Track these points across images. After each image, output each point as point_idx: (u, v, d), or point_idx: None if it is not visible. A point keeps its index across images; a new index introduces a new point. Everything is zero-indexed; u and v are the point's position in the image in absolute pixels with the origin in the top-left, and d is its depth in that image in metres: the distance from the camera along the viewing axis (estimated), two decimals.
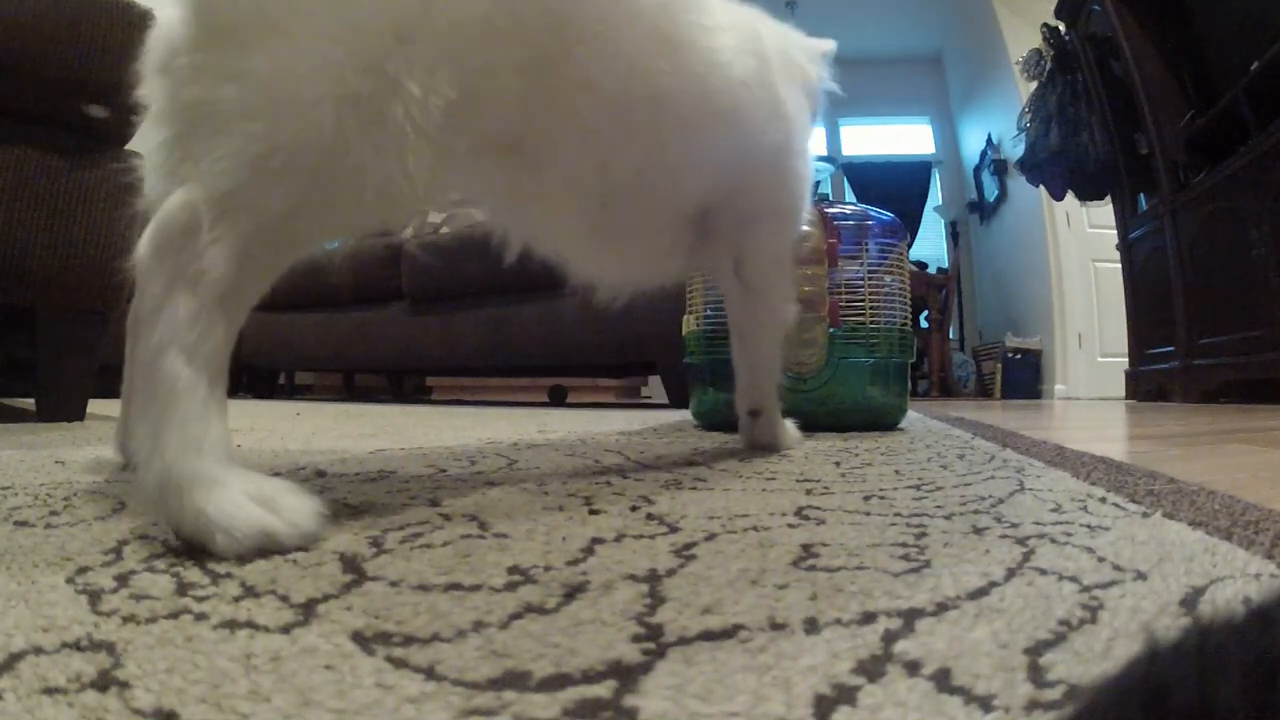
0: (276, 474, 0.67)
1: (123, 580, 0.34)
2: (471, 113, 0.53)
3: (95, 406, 1.39)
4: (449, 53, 0.50)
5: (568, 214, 0.73)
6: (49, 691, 0.22)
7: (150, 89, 0.53)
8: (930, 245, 5.90)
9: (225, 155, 0.44)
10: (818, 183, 3.30)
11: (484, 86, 0.54)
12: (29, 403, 0.40)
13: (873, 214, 1.36)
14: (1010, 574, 0.35)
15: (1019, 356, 4.73)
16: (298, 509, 0.40)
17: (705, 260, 0.93)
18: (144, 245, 0.43)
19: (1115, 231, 3.90)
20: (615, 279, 0.87)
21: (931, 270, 5.29)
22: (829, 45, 1.01)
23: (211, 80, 0.45)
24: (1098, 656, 0.25)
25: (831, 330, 1.28)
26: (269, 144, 0.44)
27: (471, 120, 0.54)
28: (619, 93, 0.65)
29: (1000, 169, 5.19)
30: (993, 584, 0.33)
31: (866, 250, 1.31)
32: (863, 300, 1.30)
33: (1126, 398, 3.76)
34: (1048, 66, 3.85)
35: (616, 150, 0.69)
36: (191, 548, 0.38)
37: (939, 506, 0.53)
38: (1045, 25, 3.89)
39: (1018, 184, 4.66)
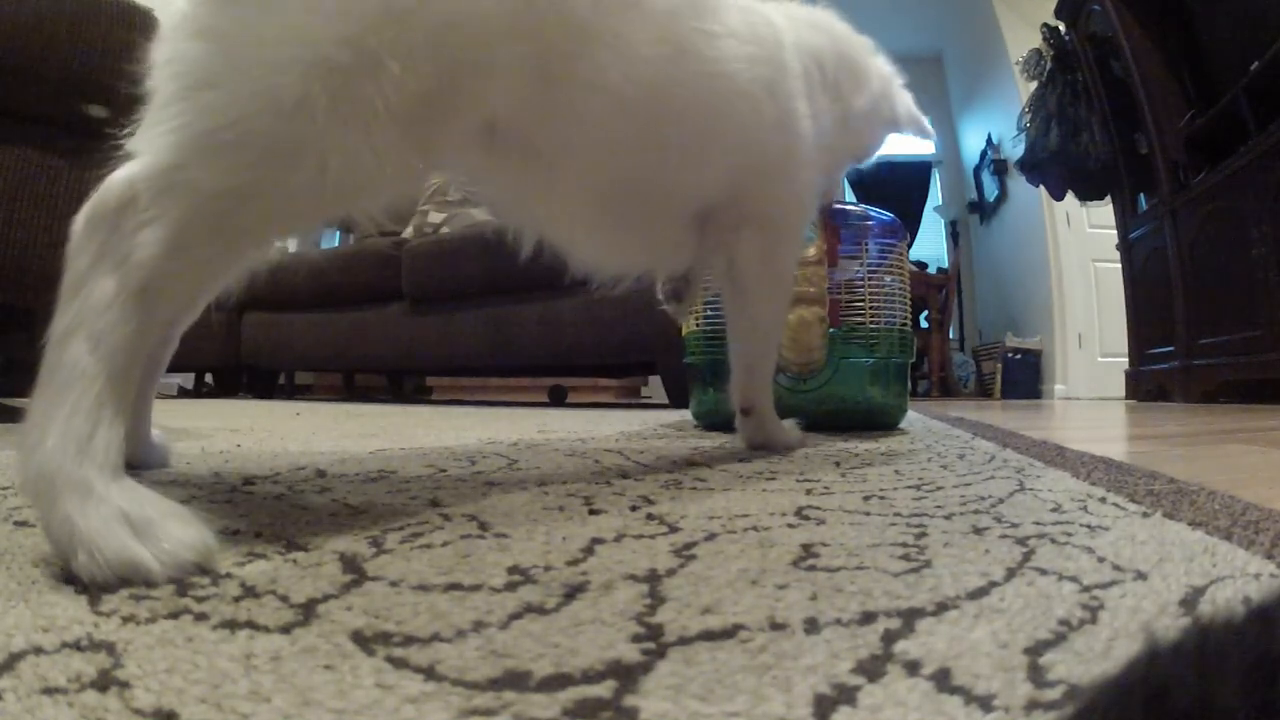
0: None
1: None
2: (458, 104, 0.52)
3: None
4: (441, 42, 0.48)
5: (573, 210, 0.75)
6: (49, 691, 0.22)
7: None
8: (930, 245, 5.89)
9: (174, 127, 0.41)
10: None
11: (478, 81, 0.52)
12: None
13: (873, 214, 1.35)
14: (1010, 574, 0.35)
15: (1019, 356, 4.73)
16: (179, 539, 0.35)
17: (703, 256, 0.94)
18: (78, 219, 0.40)
19: (1115, 231, 3.89)
20: (614, 269, 0.90)
21: (931, 270, 5.29)
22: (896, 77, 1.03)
23: (185, 35, 0.43)
24: (1098, 656, 0.25)
25: (831, 330, 1.28)
26: (223, 116, 0.41)
27: (457, 111, 0.52)
28: (627, 98, 0.66)
29: (1000, 169, 5.19)
30: (993, 584, 0.33)
31: (866, 250, 1.31)
32: (863, 300, 1.30)
33: (1126, 398, 3.76)
34: (1048, 66, 3.85)
35: (622, 152, 0.70)
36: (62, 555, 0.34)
37: (939, 506, 0.53)
38: (1045, 25, 3.89)
39: (1018, 184, 4.66)
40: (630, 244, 0.85)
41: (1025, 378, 4.68)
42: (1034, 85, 3.98)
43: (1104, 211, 4.15)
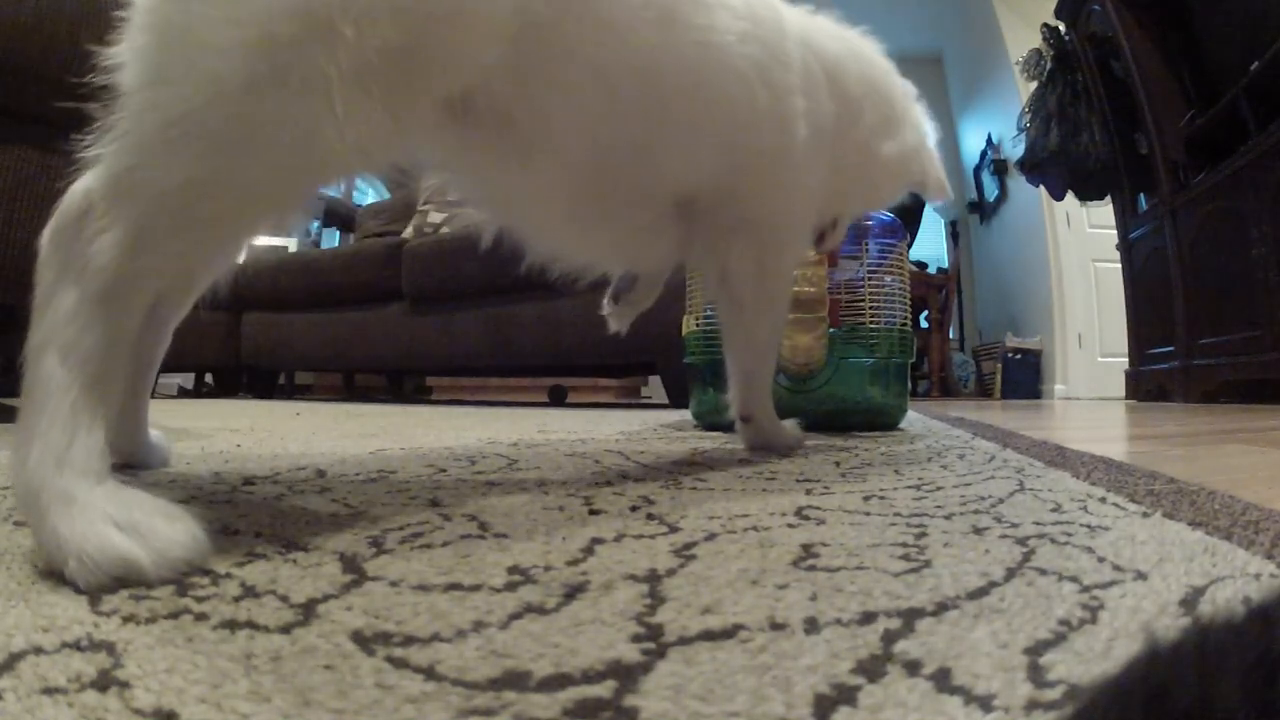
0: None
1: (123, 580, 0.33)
2: (425, 64, 0.49)
3: None
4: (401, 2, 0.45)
5: (546, 189, 0.71)
6: (49, 691, 0.22)
7: None
8: (930, 245, 5.89)
9: (126, 130, 0.41)
10: None
11: (448, 42, 0.50)
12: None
13: (872, 214, 1.36)
14: (1010, 574, 0.35)
15: (1019, 356, 4.73)
16: (169, 537, 0.35)
17: (690, 262, 0.91)
18: (44, 234, 0.40)
19: (1115, 231, 3.90)
20: (582, 260, 0.85)
21: (931, 270, 5.29)
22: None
23: (135, 30, 0.42)
24: (1098, 656, 0.25)
25: (831, 330, 1.28)
26: (170, 111, 0.40)
27: (425, 72, 0.50)
28: (609, 65, 0.63)
29: (1000, 169, 5.19)
30: (993, 584, 0.33)
31: (866, 250, 1.31)
32: (863, 300, 1.30)
33: (1126, 398, 3.76)
34: (1048, 66, 3.85)
35: (601, 124, 0.66)
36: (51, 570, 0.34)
37: (939, 506, 0.53)
38: (1045, 25, 3.89)
39: (1018, 184, 4.66)
40: (604, 232, 0.80)
41: (1025, 378, 4.68)
42: (1034, 85, 3.98)
43: (1104, 211, 4.15)
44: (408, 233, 3.14)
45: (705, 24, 0.69)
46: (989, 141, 5.31)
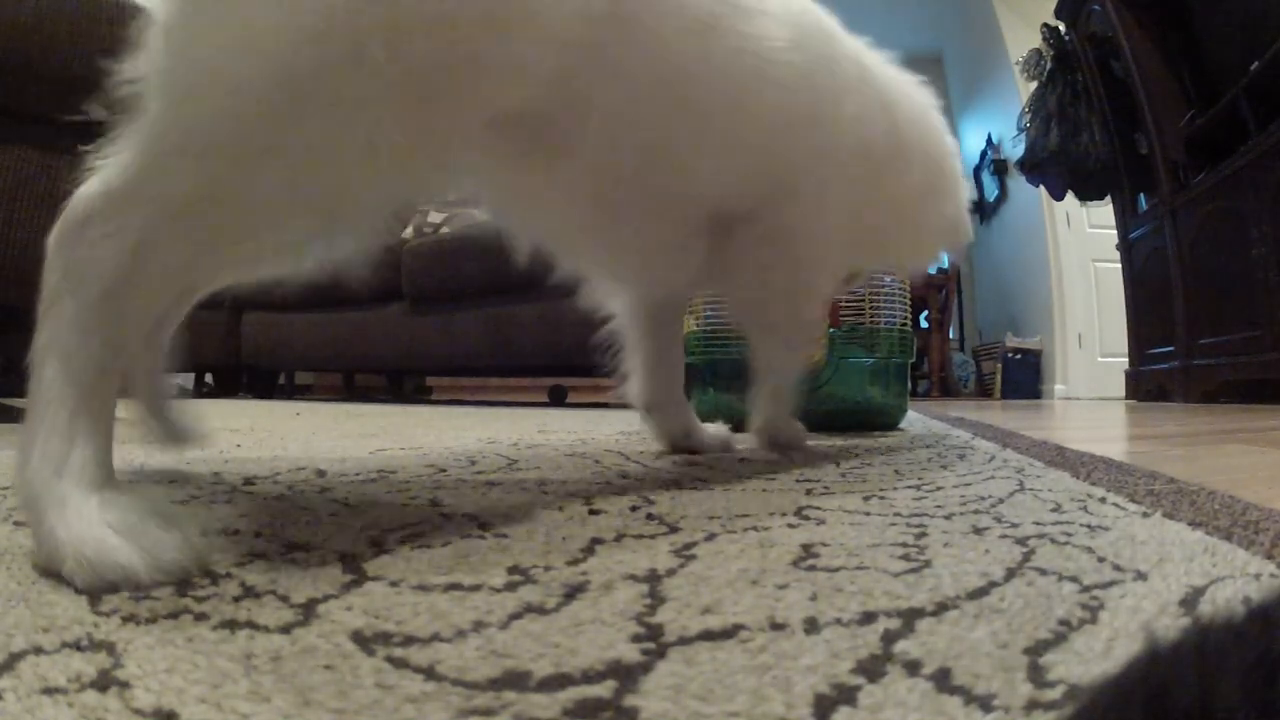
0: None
1: None
2: (480, 86, 0.47)
3: None
4: (437, 15, 0.43)
5: (575, 201, 0.68)
6: (49, 691, 0.22)
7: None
8: None
9: (133, 142, 0.41)
10: None
11: (502, 55, 0.47)
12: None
13: None
14: (1010, 574, 0.35)
15: (1019, 356, 4.73)
16: (162, 541, 0.35)
17: (718, 285, 0.88)
18: (51, 236, 0.41)
19: (1115, 231, 3.90)
20: (612, 274, 0.84)
21: (931, 270, 5.28)
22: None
23: (154, 41, 0.42)
24: (1098, 656, 0.25)
25: (831, 330, 1.28)
26: (180, 127, 0.40)
27: (479, 96, 0.48)
28: (646, 75, 0.60)
29: (1000, 169, 5.19)
30: (993, 584, 0.33)
31: None
32: (863, 300, 1.30)
33: (1126, 398, 3.76)
34: (1048, 66, 3.85)
35: (635, 134, 0.64)
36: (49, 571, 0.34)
37: (939, 506, 0.53)
38: (1045, 25, 3.89)
39: (1018, 184, 4.66)
40: (634, 240, 0.77)
41: (1025, 378, 4.68)
42: (1034, 85, 3.98)
43: (1104, 211, 4.15)
44: (408, 233, 3.14)
45: (747, 31, 0.67)
46: (989, 141, 5.31)
